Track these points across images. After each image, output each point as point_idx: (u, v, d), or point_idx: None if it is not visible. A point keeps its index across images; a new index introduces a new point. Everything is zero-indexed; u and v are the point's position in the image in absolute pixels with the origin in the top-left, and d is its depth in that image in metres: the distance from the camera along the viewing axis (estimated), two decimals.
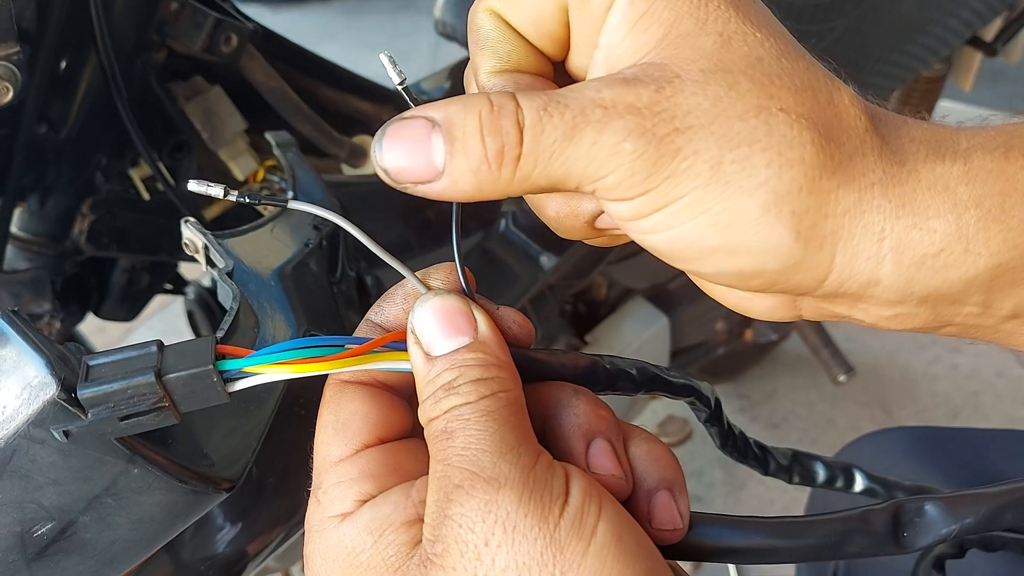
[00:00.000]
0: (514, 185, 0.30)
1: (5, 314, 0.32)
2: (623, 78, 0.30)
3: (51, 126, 0.70)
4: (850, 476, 0.50)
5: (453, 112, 0.30)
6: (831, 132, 0.30)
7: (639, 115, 0.29)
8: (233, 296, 0.39)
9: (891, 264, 0.30)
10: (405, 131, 0.30)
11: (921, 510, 0.35)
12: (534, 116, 0.29)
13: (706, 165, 0.29)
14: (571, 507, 0.29)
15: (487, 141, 0.29)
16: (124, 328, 1.84)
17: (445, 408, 0.31)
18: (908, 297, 0.31)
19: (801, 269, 0.31)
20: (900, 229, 0.30)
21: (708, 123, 0.29)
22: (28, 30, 0.61)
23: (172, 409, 0.32)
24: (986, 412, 1.67)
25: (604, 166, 0.29)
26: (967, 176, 0.30)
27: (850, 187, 0.30)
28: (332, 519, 0.32)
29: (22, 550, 0.35)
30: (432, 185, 0.30)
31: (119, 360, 0.32)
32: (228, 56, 0.71)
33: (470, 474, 0.29)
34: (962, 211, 0.30)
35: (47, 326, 0.76)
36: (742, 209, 0.29)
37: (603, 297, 1.20)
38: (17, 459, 0.32)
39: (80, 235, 0.75)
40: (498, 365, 0.32)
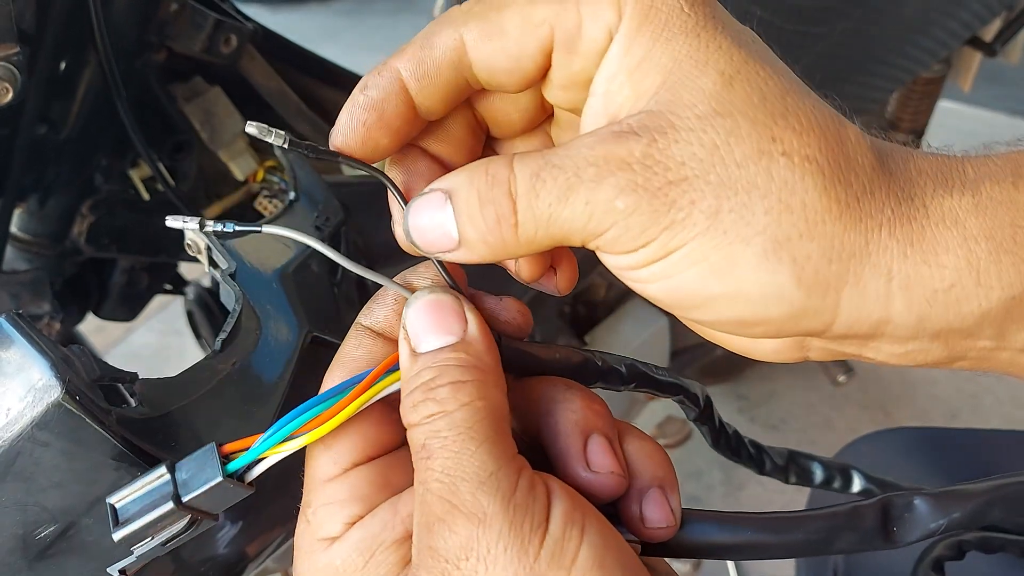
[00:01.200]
0: (523, 247, 0.31)
1: (9, 316, 0.32)
2: (616, 132, 0.30)
3: (51, 127, 0.70)
4: (848, 477, 0.50)
5: (459, 184, 0.31)
6: (837, 173, 0.30)
7: (630, 171, 0.29)
8: (236, 298, 0.39)
9: (901, 302, 0.30)
10: (425, 206, 0.31)
11: (910, 505, 0.35)
12: (527, 184, 0.30)
13: (702, 215, 0.29)
14: (551, 536, 0.29)
15: (484, 213, 0.30)
16: (124, 328, 1.84)
17: (423, 415, 0.30)
18: (920, 333, 0.31)
19: (806, 315, 0.30)
20: (909, 267, 0.29)
21: (704, 172, 0.29)
22: (28, 31, 0.61)
23: (207, 516, 0.32)
24: (985, 414, 1.67)
25: (601, 224, 0.29)
26: (977, 208, 0.30)
27: (856, 229, 0.29)
28: (322, 541, 0.32)
29: (24, 551, 0.35)
30: (455, 254, 0.31)
31: (139, 495, 0.32)
32: (228, 57, 0.71)
33: (450, 506, 0.29)
34: (972, 245, 0.30)
35: (47, 326, 0.76)
36: (741, 257, 0.29)
37: (602, 298, 1.20)
38: (21, 461, 0.32)
39: (80, 235, 0.75)
40: (480, 368, 0.32)
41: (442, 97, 0.34)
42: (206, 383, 0.38)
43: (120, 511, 0.32)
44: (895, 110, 1.45)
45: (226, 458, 0.32)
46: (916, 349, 0.31)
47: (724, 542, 0.35)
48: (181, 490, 0.31)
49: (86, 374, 0.34)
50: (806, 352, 0.34)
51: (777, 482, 0.51)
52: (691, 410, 0.40)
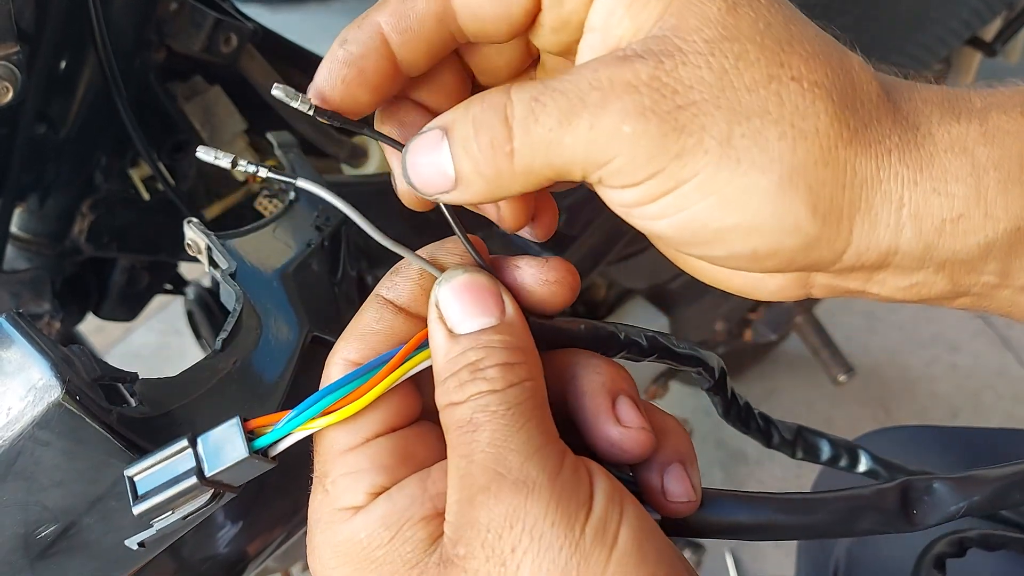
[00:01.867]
0: (519, 179, 0.29)
1: (9, 316, 0.32)
2: (620, 56, 0.29)
3: (50, 126, 0.70)
4: (855, 455, 0.49)
5: (455, 116, 0.30)
6: (845, 99, 0.29)
7: (637, 93, 0.28)
8: (236, 297, 0.39)
9: (910, 231, 0.29)
10: (421, 144, 0.30)
11: (930, 488, 0.35)
12: (524, 108, 0.29)
13: (714, 141, 0.28)
14: (595, 514, 0.29)
15: (479, 140, 0.29)
16: (124, 328, 1.84)
17: (470, 393, 0.30)
18: (926, 264, 0.30)
19: (819, 245, 0.29)
20: (919, 195, 0.29)
21: (714, 96, 0.28)
22: (27, 30, 0.61)
23: (228, 489, 0.32)
24: (986, 411, 1.67)
25: (606, 151, 0.28)
26: (985, 137, 0.29)
27: (867, 155, 0.29)
28: (343, 511, 0.31)
29: (25, 551, 0.35)
30: (452, 194, 0.30)
31: (160, 468, 0.31)
32: (228, 56, 0.71)
33: (496, 475, 0.29)
34: (981, 174, 0.29)
35: (47, 326, 0.76)
36: (756, 186, 0.28)
37: (602, 298, 1.20)
38: (22, 461, 0.32)
39: (80, 235, 0.75)
40: (524, 350, 0.31)
41: (425, 51, 0.33)
42: (206, 382, 0.38)
43: (139, 484, 0.31)
44: None
45: (251, 433, 0.31)
46: (920, 282, 0.31)
47: (745, 522, 0.35)
48: (204, 465, 0.31)
49: (86, 374, 0.34)
50: (809, 288, 0.34)
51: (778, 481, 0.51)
52: (706, 380, 0.40)
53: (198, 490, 0.31)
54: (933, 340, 1.78)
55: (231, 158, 0.33)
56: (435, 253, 0.35)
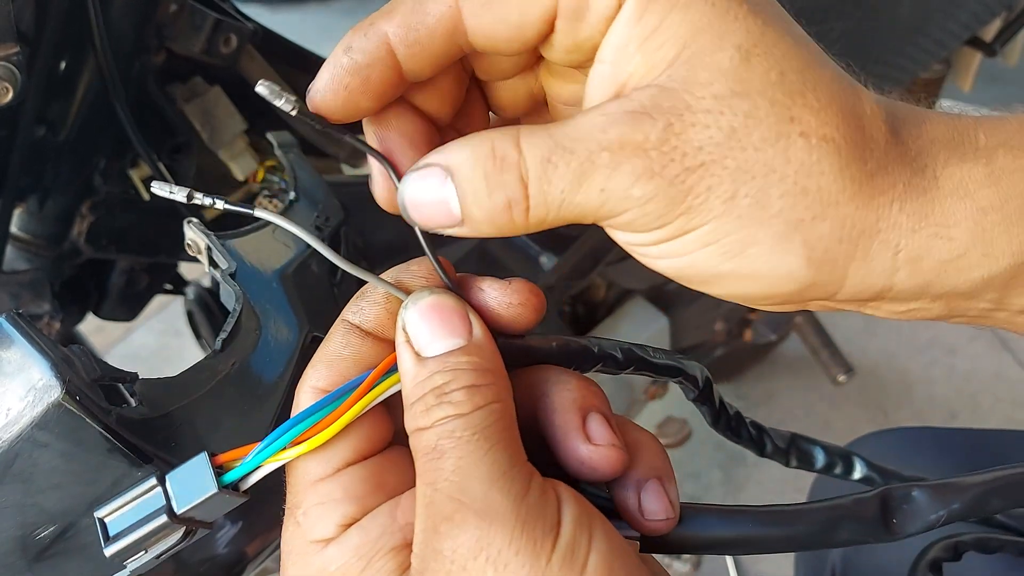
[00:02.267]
0: (531, 227, 0.30)
1: (9, 316, 0.32)
2: (629, 112, 0.29)
3: (50, 127, 0.70)
4: (849, 463, 0.49)
5: (462, 163, 0.30)
6: (854, 151, 0.29)
7: (646, 157, 0.28)
8: (236, 298, 0.39)
9: (906, 272, 0.30)
10: (422, 181, 0.30)
11: (909, 496, 0.35)
12: (538, 169, 0.29)
13: (719, 200, 0.29)
14: (563, 539, 0.28)
15: (494, 196, 0.29)
16: (124, 328, 1.84)
17: (436, 418, 0.30)
18: (922, 297, 0.31)
19: (813, 289, 0.30)
20: (918, 241, 0.30)
21: (722, 157, 0.28)
22: (27, 31, 0.61)
23: (201, 526, 0.32)
24: (984, 414, 1.67)
25: (616, 209, 0.29)
26: (989, 178, 0.30)
27: (868, 207, 0.29)
28: (315, 543, 0.31)
29: (23, 552, 0.35)
30: (455, 230, 0.31)
31: (130, 508, 0.31)
32: (227, 57, 0.71)
33: (460, 504, 0.28)
34: (981, 217, 0.30)
35: (46, 327, 0.76)
36: (754, 240, 0.29)
37: (602, 298, 1.20)
38: (20, 462, 0.32)
39: (79, 236, 0.75)
40: (492, 371, 0.31)
41: (431, 63, 0.32)
42: (206, 383, 0.38)
43: (110, 525, 0.31)
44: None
45: (220, 468, 0.31)
46: (917, 308, 0.32)
47: (724, 536, 0.34)
48: (174, 502, 0.30)
49: (86, 374, 0.34)
50: (804, 305, 0.34)
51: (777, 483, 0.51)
52: (690, 391, 0.40)
53: (169, 528, 0.31)
54: (932, 342, 1.78)
55: (186, 192, 0.33)
56: (400, 276, 0.34)
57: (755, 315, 1.42)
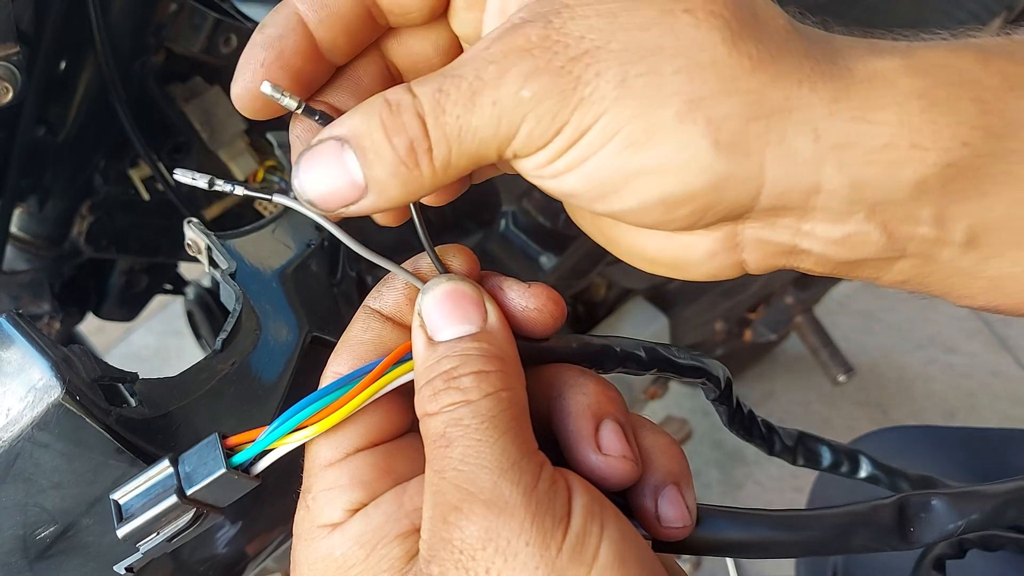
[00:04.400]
0: (439, 175, 0.29)
1: (10, 316, 0.32)
2: (510, 25, 0.28)
3: (49, 128, 0.70)
4: (855, 461, 0.49)
5: (356, 124, 0.29)
6: (746, 29, 0.28)
7: (530, 57, 0.27)
8: (236, 298, 0.39)
9: (832, 165, 0.28)
10: (317, 157, 0.29)
11: (928, 505, 0.35)
12: (431, 101, 0.28)
13: (610, 85, 0.27)
14: (573, 530, 0.28)
15: (395, 142, 0.28)
16: (124, 328, 1.84)
17: (443, 404, 0.29)
18: (856, 206, 0.28)
19: (730, 183, 0.28)
20: (837, 125, 0.28)
21: (606, 42, 0.27)
22: (26, 32, 0.61)
23: (213, 510, 0.32)
24: (982, 412, 1.67)
25: (512, 122, 0.28)
26: (909, 68, 0.28)
27: (774, 87, 0.27)
28: (322, 528, 0.31)
29: (24, 552, 0.35)
30: (361, 203, 0.29)
31: (143, 490, 0.31)
32: (228, 56, 0.71)
33: (468, 494, 0.28)
34: (904, 101, 0.28)
35: (46, 327, 0.76)
36: (655, 122, 0.27)
37: (602, 298, 1.20)
38: (21, 462, 0.32)
39: (79, 236, 0.75)
40: (502, 359, 0.30)
41: (344, 30, 0.32)
42: (206, 383, 0.39)
43: (124, 507, 0.31)
44: None
45: (230, 450, 0.31)
46: (853, 233, 0.29)
47: (739, 539, 0.34)
48: (185, 483, 0.31)
49: (86, 374, 0.34)
50: (740, 252, 0.31)
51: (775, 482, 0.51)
52: (712, 391, 0.40)
53: (180, 509, 0.31)
54: (930, 340, 1.78)
55: (208, 178, 0.32)
56: (419, 264, 0.34)
57: (755, 314, 1.42)
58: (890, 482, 0.49)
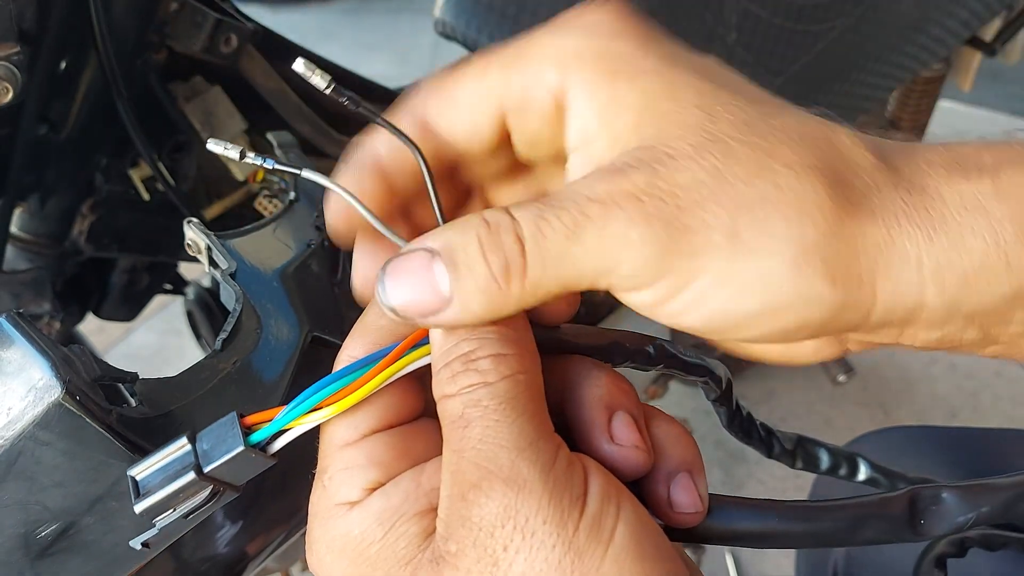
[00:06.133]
0: (526, 296, 0.30)
1: (10, 316, 0.32)
2: (613, 169, 0.29)
3: (51, 127, 0.70)
4: (854, 464, 0.49)
5: (451, 238, 0.30)
6: (840, 175, 0.29)
7: (638, 202, 0.28)
8: (236, 298, 0.39)
9: (933, 287, 0.30)
10: (405, 265, 0.30)
11: (938, 498, 0.35)
12: (532, 226, 0.29)
13: (721, 235, 0.28)
14: (590, 510, 0.29)
15: (491, 259, 0.29)
16: (124, 328, 1.84)
17: (461, 386, 0.30)
18: (954, 316, 0.30)
19: (845, 311, 0.30)
20: (937, 252, 0.29)
21: (713, 194, 0.28)
22: (28, 31, 0.61)
23: (229, 488, 0.32)
24: (984, 412, 1.67)
25: (614, 259, 0.29)
26: (998, 193, 0.30)
27: (874, 223, 0.29)
28: (339, 507, 0.31)
29: (26, 551, 0.35)
30: (442, 314, 0.30)
31: (161, 467, 0.32)
32: (228, 56, 0.71)
33: (487, 472, 0.28)
34: (997, 227, 0.29)
35: (47, 326, 0.76)
36: (772, 271, 0.29)
37: (602, 298, 1.20)
38: (22, 461, 0.32)
39: (80, 235, 0.75)
40: (519, 342, 0.31)
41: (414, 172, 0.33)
42: (206, 383, 0.38)
43: (141, 483, 0.32)
44: (895, 109, 1.45)
45: (249, 428, 0.31)
46: (950, 332, 0.31)
47: (750, 529, 0.34)
48: (202, 461, 0.31)
49: (86, 374, 0.34)
50: (844, 346, 0.34)
51: (776, 481, 0.51)
52: (713, 391, 0.40)
53: (197, 486, 0.31)
54: None
55: (239, 149, 0.33)
56: None
57: None
58: (889, 484, 0.50)
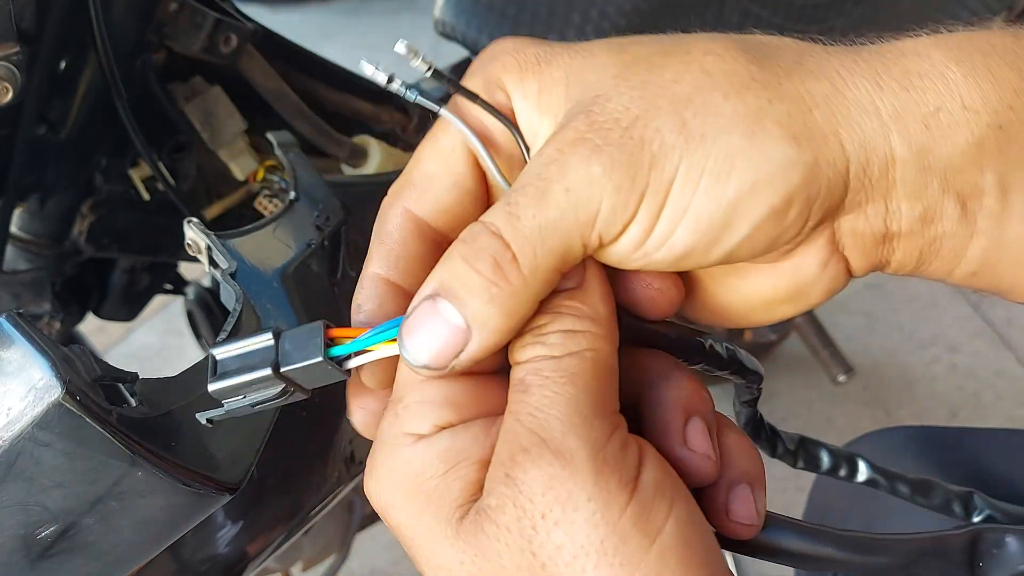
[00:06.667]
0: (530, 282, 0.30)
1: (10, 316, 0.32)
2: (553, 133, 0.30)
3: (51, 127, 0.70)
4: (854, 465, 0.50)
5: (440, 274, 0.30)
6: (766, 50, 0.30)
7: (585, 141, 0.29)
8: (236, 297, 0.39)
9: (897, 133, 0.29)
10: (415, 321, 0.30)
11: (1001, 541, 0.34)
12: (502, 217, 0.30)
13: (673, 134, 0.29)
14: (639, 499, 0.28)
15: (479, 267, 0.29)
16: (124, 328, 1.84)
17: (528, 356, 0.30)
18: (927, 175, 0.30)
19: (820, 168, 0.29)
20: (889, 97, 0.29)
21: (650, 104, 0.29)
22: (28, 30, 0.61)
23: (299, 389, 0.33)
24: (985, 412, 1.67)
25: (589, 205, 0.29)
26: (935, 43, 0.30)
27: (816, 79, 0.30)
28: (407, 436, 0.31)
29: (26, 551, 0.35)
30: (470, 347, 0.30)
31: (241, 354, 0.33)
32: (228, 56, 0.71)
33: (538, 440, 0.28)
34: (943, 69, 0.29)
35: (47, 326, 0.76)
36: (730, 148, 0.29)
37: None
38: (22, 461, 0.32)
39: (80, 235, 0.75)
40: (594, 319, 0.31)
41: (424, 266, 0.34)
42: (206, 383, 0.39)
43: (220, 364, 0.33)
44: None
45: (331, 341, 0.32)
46: (931, 205, 0.30)
47: (803, 551, 0.34)
48: (282, 360, 0.32)
49: (86, 374, 0.34)
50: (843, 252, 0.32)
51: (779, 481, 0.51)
52: (752, 394, 0.41)
53: (270, 381, 0.32)
54: (933, 340, 1.78)
55: (389, 75, 0.33)
56: None
57: None
58: (889, 485, 0.50)
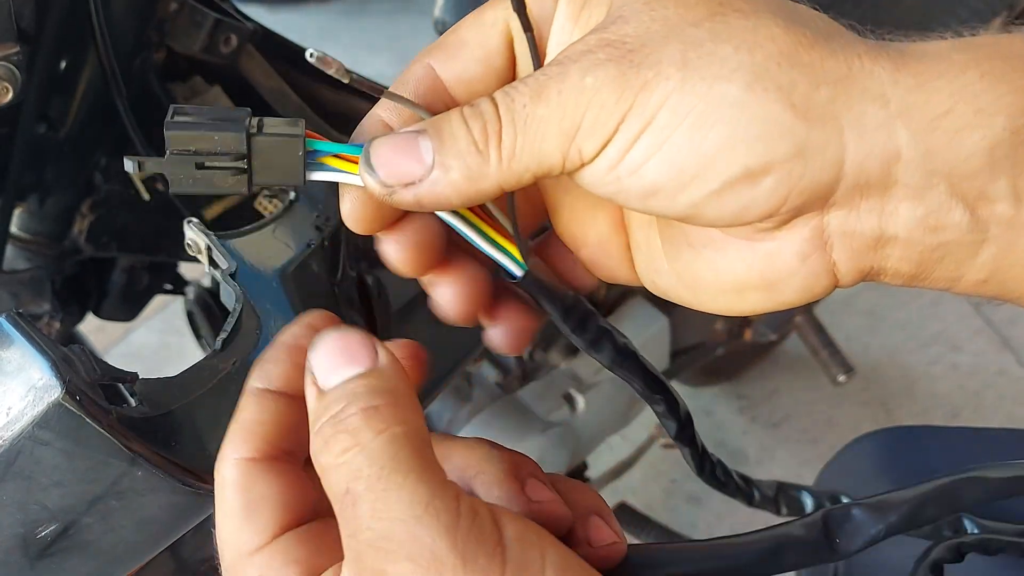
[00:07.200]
0: (503, 169, 0.30)
1: (9, 316, 0.32)
2: (573, 41, 0.31)
3: (50, 126, 0.70)
4: (837, 503, 0.50)
5: (437, 119, 0.31)
6: (797, 18, 0.29)
7: (590, 54, 0.29)
8: (236, 298, 0.39)
9: (904, 132, 0.28)
10: (391, 139, 0.31)
11: (848, 515, 0.36)
12: (503, 94, 0.31)
13: (673, 67, 0.28)
14: (511, 561, 0.26)
15: (471, 124, 0.30)
16: (124, 328, 1.84)
17: (336, 452, 0.27)
18: (934, 177, 0.28)
19: (811, 149, 0.28)
20: (902, 92, 0.28)
21: (663, 37, 0.29)
22: (27, 30, 0.61)
23: (247, 176, 0.31)
24: (987, 411, 1.67)
25: (575, 111, 0.29)
26: (958, 46, 0.29)
27: (834, 57, 0.29)
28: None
29: (25, 551, 0.35)
30: (422, 185, 0.31)
31: (211, 113, 0.31)
32: (228, 56, 0.71)
33: (388, 553, 0.26)
34: (959, 72, 0.28)
35: (46, 326, 0.76)
36: (725, 96, 0.28)
37: (602, 298, 1.20)
38: (21, 460, 0.32)
39: (80, 235, 0.75)
40: (393, 392, 0.28)
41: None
42: (206, 382, 0.39)
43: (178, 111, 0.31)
44: None
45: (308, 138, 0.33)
46: (936, 208, 0.29)
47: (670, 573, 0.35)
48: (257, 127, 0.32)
49: (86, 374, 0.34)
50: (830, 252, 0.31)
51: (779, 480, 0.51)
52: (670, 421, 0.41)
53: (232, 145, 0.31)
54: (934, 340, 1.78)
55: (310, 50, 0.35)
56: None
57: None
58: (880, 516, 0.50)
